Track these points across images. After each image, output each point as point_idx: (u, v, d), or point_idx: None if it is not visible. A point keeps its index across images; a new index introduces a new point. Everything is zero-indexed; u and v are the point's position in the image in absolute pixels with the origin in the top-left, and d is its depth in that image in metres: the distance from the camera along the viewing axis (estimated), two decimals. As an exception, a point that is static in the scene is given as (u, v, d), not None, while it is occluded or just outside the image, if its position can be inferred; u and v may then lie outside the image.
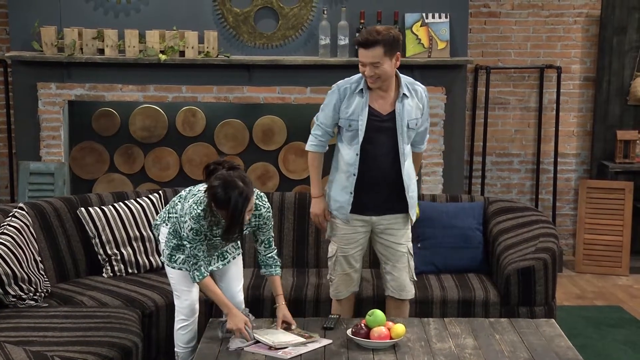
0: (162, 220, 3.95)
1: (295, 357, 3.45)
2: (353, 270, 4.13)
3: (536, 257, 4.44)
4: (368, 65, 3.85)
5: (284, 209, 5.04)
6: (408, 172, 4.03)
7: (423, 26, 5.97)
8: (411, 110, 3.99)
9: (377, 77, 3.87)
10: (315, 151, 4.12)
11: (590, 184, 6.51)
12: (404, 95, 3.97)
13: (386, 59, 3.84)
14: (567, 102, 6.69)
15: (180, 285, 3.87)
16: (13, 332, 3.71)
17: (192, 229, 3.65)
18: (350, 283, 4.15)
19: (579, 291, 6.04)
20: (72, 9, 5.90)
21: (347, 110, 3.98)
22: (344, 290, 4.15)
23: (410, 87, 4.01)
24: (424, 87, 4.10)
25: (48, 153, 5.97)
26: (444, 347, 3.55)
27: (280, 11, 5.98)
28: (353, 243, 4.09)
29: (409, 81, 4.04)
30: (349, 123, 3.98)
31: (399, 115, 3.96)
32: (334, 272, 4.14)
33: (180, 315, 3.90)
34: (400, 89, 3.97)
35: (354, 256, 4.10)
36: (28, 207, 4.48)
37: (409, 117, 3.98)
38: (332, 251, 4.15)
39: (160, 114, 6.19)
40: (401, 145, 3.98)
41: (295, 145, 6.27)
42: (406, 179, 4.02)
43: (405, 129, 3.97)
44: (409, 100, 3.98)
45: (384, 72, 3.86)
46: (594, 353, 4.78)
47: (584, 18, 6.61)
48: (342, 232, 4.08)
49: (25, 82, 5.95)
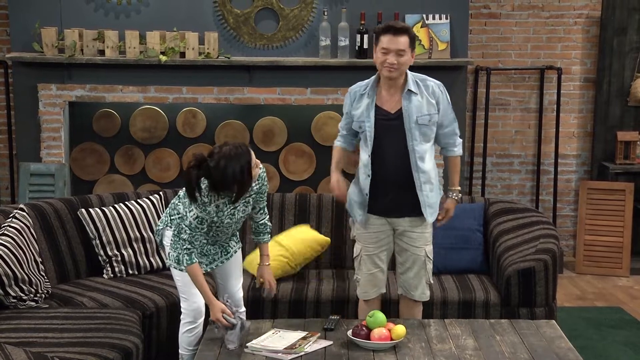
0: (164, 224, 3.94)
1: (296, 358, 3.45)
2: (379, 270, 4.11)
3: (537, 258, 4.44)
4: (392, 53, 3.85)
5: (284, 210, 5.04)
6: (425, 171, 3.97)
7: (423, 27, 5.97)
8: (421, 106, 3.94)
9: (397, 67, 3.86)
10: (338, 145, 4.19)
11: (590, 185, 6.51)
12: (409, 91, 3.94)
13: (409, 51, 3.89)
14: (567, 103, 6.69)
15: (187, 287, 3.84)
16: (13, 333, 3.71)
17: (198, 217, 3.65)
18: (377, 283, 4.13)
19: (580, 292, 6.04)
20: (73, 10, 5.90)
21: (356, 112, 4.01)
22: (370, 290, 4.14)
23: (420, 83, 3.98)
24: (439, 82, 4.04)
25: (48, 154, 5.98)
26: (445, 348, 3.56)
27: (280, 12, 5.98)
28: (376, 243, 4.08)
29: (419, 77, 4.01)
30: (359, 125, 4.01)
31: (406, 112, 3.94)
32: (360, 271, 4.15)
33: (187, 318, 3.89)
34: (406, 85, 3.95)
35: (379, 256, 4.10)
36: (28, 208, 4.48)
37: (419, 113, 3.94)
38: (356, 251, 4.16)
39: (161, 115, 6.19)
40: (410, 142, 3.94)
41: (296, 146, 6.27)
42: (419, 177, 3.96)
43: (414, 125, 3.93)
44: (417, 97, 3.95)
45: (405, 63, 3.89)
46: (594, 354, 4.78)
47: (585, 19, 6.61)
48: (366, 232, 4.09)
49: (25, 83, 5.95)
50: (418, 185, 3.98)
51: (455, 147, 4.12)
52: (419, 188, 3.98)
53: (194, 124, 6.21)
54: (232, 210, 3.78)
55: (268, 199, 5.01)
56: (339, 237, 5.00)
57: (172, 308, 4.31)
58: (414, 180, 3.97)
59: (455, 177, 4.17)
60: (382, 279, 4.15)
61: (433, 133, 4.01)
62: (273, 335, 3.66)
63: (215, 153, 3.59)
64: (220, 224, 3.78)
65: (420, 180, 3.98)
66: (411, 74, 3.99)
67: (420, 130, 3.95)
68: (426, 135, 3.97)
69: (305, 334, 3.66)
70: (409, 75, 3.97)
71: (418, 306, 4.19)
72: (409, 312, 4.17)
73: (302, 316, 4.42)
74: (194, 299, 3.87)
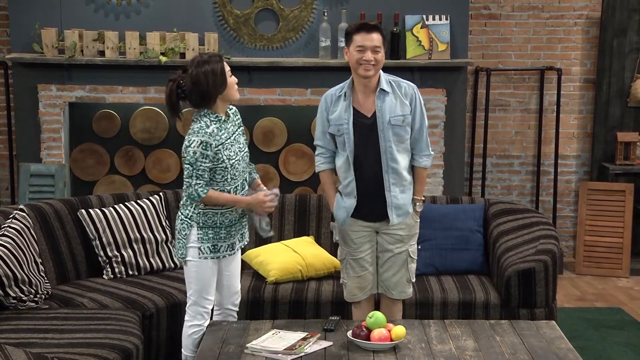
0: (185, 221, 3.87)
1: (296, 358, 3.45)
2: (366, 272, 4.10)
3: (536, 259, 4.44)
4: (369, 50, 3.86)
5: (284, 211, 5.04)
6: (397, 173, 3.94)
7: (423, 28, 5.97)
8: (394, 106, 3.93)
9: (374, 64, 3.87)
10: (322, 169, 4.13)
11: (590, 185, 6.51)
12: (382, 90, 3.93)
13: (382, 48, 3.91)
14: (567, 104, 6.69)
15: (200, 287, 3.82)
16: (13, 334, 3.71)
17: (202, 142, 3.68)
18: (365, 285, 4.11)
19: (580, 293, 6.04)
20: (73, 10, 5.90)
21: (333, 116, 3.98)
22: (358, 293, 4.12)
23: (393, 84, 3.97)
24: (413, 85, 4.02)
25: (48, 155, 5.98)
26: (445, 349, 3.55)
27: (280, 13, 5.98)
28: (361, 246, 4.07)
29: (392, 78, 4.00)
30: (337, 128, 3.97)
31: (379, 112, 3.92)
32: (347, 275, 4.13)
33: (194, 320, 3.86)
34: (379, 84, 3.94)
35: (365, 258, 4.08)
36: (28, 208, 4.48)
37: (392, 114, 3.92)
38: (341, 254, 4.14)
39: (161, 116, 6.19)
40: (382, 143, 3.92)
41: (296, 147, 6.28)
42: (389, 178, 3.94)
43: (387, 125, 3.91)
44: (391, 96, 3.93)
45: (381, 60, 3.90)
46: (594, 355, 4.78)
47: (584, 20, 6.61)
48: (349, 237, 4.07)
49: (25, 84, 5.95)
50: (387, 186, 3.96)
51: (422, 157, 4.03)
52: (387, 188, 3.96)
53: (194, 125, 6.20)
54: (233, 135, 3.82)
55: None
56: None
57: (172, 309, 4.31)
58: (384, 181, 3.96)
59: (419, 187, 4.07)
60: (370, 280, 4.12)
61: (407, 135, 3.98)
62: (273, 336, 3.65)
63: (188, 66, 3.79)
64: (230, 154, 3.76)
65: (390, 182, 3.96)
66: (384, 75, 3.98)
67: (393, 130, 3.93)
68: (399, 135, 3.95)
69: (305, 335, 3.65)
70: (382, 76, 3.96)
71: (397, 305, 4.16)
72: (388, 311, 4.10)
73: (302, 317, 4.42)
74: (204, 303, 3.84)
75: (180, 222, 3.85)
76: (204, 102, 3.77)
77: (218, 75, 3.74)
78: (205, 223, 3.80)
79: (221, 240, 3.84)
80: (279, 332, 3.70)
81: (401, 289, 4.11)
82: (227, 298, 4.01)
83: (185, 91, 3.76)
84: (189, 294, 3.88)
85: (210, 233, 3.81)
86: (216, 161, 3.74)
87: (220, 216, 3.82)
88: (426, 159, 4.05)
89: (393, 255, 4.06)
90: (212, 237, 3.81)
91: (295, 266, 4.64)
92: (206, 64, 3.73)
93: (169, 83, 3.79)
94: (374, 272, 4.13)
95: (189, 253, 3.81)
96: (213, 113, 3.79)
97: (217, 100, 3.78)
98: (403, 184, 3.99)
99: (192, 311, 3.87)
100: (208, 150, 3.71)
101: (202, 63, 3.74)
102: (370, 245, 4.08)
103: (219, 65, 3.75)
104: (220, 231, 3.83)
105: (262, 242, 4.83)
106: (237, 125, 3.91)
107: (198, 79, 3.72)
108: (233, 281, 4.01)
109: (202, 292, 3.83)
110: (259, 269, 4.70)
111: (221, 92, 3.77)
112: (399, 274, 4.08)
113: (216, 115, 3.79)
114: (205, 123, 3.75)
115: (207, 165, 3.72)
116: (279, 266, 4.61)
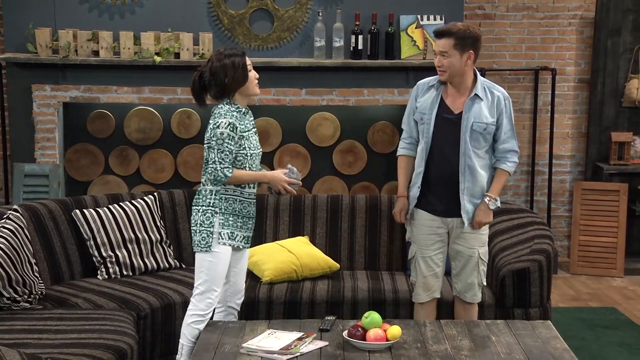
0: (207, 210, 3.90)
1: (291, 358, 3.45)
2: (432, 274, 4.13)
3: (531, 259, 4.44)
4: (439, 55, 3.96)
5: (279, 211, 5.04)
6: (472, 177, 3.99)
7: (418, 28, 5.97)
8: (481, 113, 3.98)
9: (444, 69, 3.94)
10: (401, 154, 4.21)
11: (585, 185, 6.52)
12: (476, 95, 3.99)
13: (455, 52, 3.93)
14: (561, 104, 6.70)
15: (210, 278, 3.85)
16: (7, 334, 3.70)
17: (230, 124, 3.77)
18: (430, 287, 4.15)
19: (574, 293, 6.05)
20: (67, 10, 5.89)
21: (420, 104, 4.07)
22: (422, 294, 4.17)
23: (487, 90, 4.02)
24: (506, 94, 4.05)
25: (43, 155, 5.96)
26: (440, 349, 3.55)
27: (275, 13, 5.98)
28: (431, 245, 4.10)
29: (488, 84, 4.05)
30: (421, 116, 4.06)
31: (465, 114, 3.98)
32: (415, 274, 4.18)
33: (198, 310, 3.88)
34: (474, 89, 4.00)
35: (433, 259, 4.11)
36: (22, 209, 4.47)
37: (477, 119, 3.97)
38: (411, 252, 4.19)
39: (156, 116, 6.18)
40: (462, 146, 3.97)
41: (291, 147, 6.27)
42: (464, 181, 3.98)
43: (469, 129, 3.97)
44: (482, 103, 3.98)
45: (452, 64, 3.93)
46: (589, 355, 4.79)
47: (579, 20, 6.63)
48: (420, 233, 4.11)
49: (19, 84, 5.93)
50: (461, 189, 4.01)
51: (508, 162, 4.06)
52: (461, 191, 4.01)
53: (189, 125, 6.20)
54: (250, 130, 3.91)
55: (262, 200, 5.01)
56: (333, 238, 5.00)
57: (166, 309, 4.30)
58: (459, 182, 4.00)
59: (495, 186, 4.09)
60: (435, 284, 4.16)
61: (487, 142, 4.02)
62: (269, 336, 3.65)
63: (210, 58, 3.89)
64: (250, 145, 3.86)
65: (465, 185, 4.00)
66: (480, 79, 4.03)
67: (473, 135, 3.97)
68: (478, 141, 3.99)
69: (301, 335, 3.65)
70: (478, 80, 4.01)
71: (473, 307, 4.21)
72: (464, 314, 4.20)
73: (298, 317, 4.42)
74: (211, 295, 3.88)
75: (202, 213, 3.88)
76: (224, 95, 3.86)
77: (238, 69, 3.82)
78: (227, 209, 3.88)
79: (238, 228, 3.91)
80: (275, 332, 3.69)
81: (474, 292, 4.17)
82: (231, 296, 4.05)
83: (206, 83, 3.86)
84: (197, 284, 3.90)
85: (231, 220, 3.89)
86: (239, 147, 3.84)
87: (239, 204, 3.91)
88: (510, 164, 4.07)
89: (464, 257, 4.11)
90: (231, 223, 3.89)
91: (290, 266, 4.64)
92: (227, 58, 3.82)
93: (194, 73, 3.91)
94: (441, 276, 4.16)
95: (212, 240, 3.85)
96: (234, 104, 3.87)
97: (236, 94, 3.87)
98: (475, 190, 4.02)
99: (197, 301, 3.89)
100: (235, 132, 3.81)
101: (223, 56, 3.83)
102: (440, 245, 4.11)
103: (240, 60, 3.83)
104: (238, 220, 3.91)
105: (257, 242, 4.82)
106: (252, 125, 3.99)
107: (217, 72, 3.81)
108: (239, 279, 4.05)
109: (212, 283, 3.86)
110: (254, 269, 4.69)
111: (241, 87, 3.84)
112: (471, 276, 4.13)
113: (237, 106, 3.88)
114: (229, 108, 3.84)
115: (233, 148, 3.81)
116: (274, 266, 4.61)
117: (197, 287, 3.90)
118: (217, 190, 3.87)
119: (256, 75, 3.92)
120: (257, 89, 3.95)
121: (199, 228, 3.87)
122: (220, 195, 3.87)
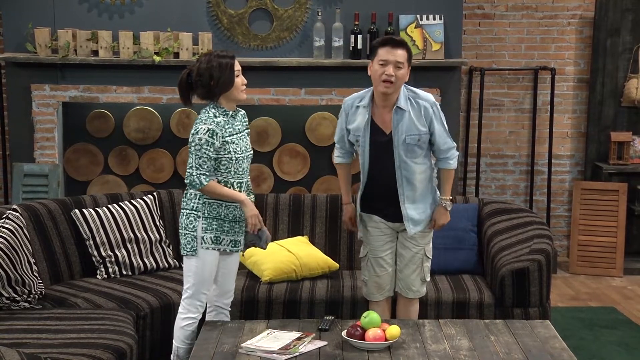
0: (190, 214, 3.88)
1: (290, 358, 3.45)
2: (385, 273, 4.14)
3: (530, 259, 4.44)
4: (391, 65, 3.85)
5: (278, 211, 5.04)
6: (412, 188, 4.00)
7: (417, 28, 5.97)
8: (411, 125, 3.93)
9: (394, 80, 3.86)
10: (339, 162, 4.23)
11: (584, 185, 6.52)
12: (399, 108, 3.93)
13: (406, 65, 3.89)
14: (561, 104, 6.70)
15: (198, 280, 3.84)
16: (7, 334, 3.70)
17: (209, 130, 3.72)
18: (382, 286, 4.17)
19: (573, 292, 6.05)
20: (66, 10, 5.89)
21: (352, 126, 4.03)
22: (375, 292, 4.18)
23: (412, 100, 3.96)
24: (432, 100, 4.00)
25: (42, 155, 5.96)
26: (439, 349, 3.56)
27: (274, 13, 5.98)
28: (382, 246, 4.12)
29: (412, 95, 3.98)
30: (355, 138, 4.03)
31: (395, 130, 3.95)
32: (367, 273, 4.19)
33: (189, 313, 3.88)
34: (397, 101, 3.93)
35: (384, 258, 4.13)
36: (22, 208, 4.47)
37: (408, 132, 3.93)
38: (363, 252, 4.20)
39: (155, 116, 6.18)
40: (397, 160, 3.97)
41: (290, 146, 6.27)
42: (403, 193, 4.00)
43: (402, 144, 3.94)
44: (408, 114, 3.93)
45: (403, 77, 3.89)
46: (588, 354, 4.79)
47: (578, 20, 6.63)
48: (371, 234, 4.13)
49: (19, 84, 5.93)
50: (401, 200, 4.02)
51: (450, 161, 4.09)
52: (402, 202, 4.02)
53: (188, 125, 6.20)
54: (240, 133, 3.88)
55: (262, 199, 5.01)
56: (332, 238, 5.00)
57: (165, 309, 4.30)
58: (398, 194, 4.01)
59: (446, 187, 4.11)
60: (387, 282, 4.17)
61: (422, 150, 4.00)
62: (267, 335, 3.65)
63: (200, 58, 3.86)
64: (236, 148, 3.82)
65: (404, 196, 4.02)
66: (404, 90, 3.97)
67: (408, 148, 3.96)
68: (414, 152, 3.98)
69: (300, 335, 3.65)
70: (401, 92, 3.95)
71: (413, 304, 4.21)
72: (405, 310, 4.19)
73: (296, 317, 4.42)
74: (200, 297, 3.87)
75: (185, 217, 3.86)
76: (209, 97, 3.82)
77: (224, 71, 3.77)
78: (210, 214, 3.83)
79: (224, 233, 3.87)
80: (274, 331, 3.70)
81: (416, 289, 4.17)
82: (219, 296, 4.03)
83: (192, 82, 3.83)
84: (186, 287, 3.89)
85: (214, 224, 3.84)
86: (222, 151, 3.79)
87: (225, 209, 3.86)
88: (451, 162, 4.08)
89: (409, 253, 4.12)
90: (215, 228, 3.84)
91: (289, 266, 4.64)
92: (216, 59, 3.77)
93: (183, 70, 3.87)
94: (392, 274, 4.18)
95: (196, 244, 3.82)
96: (221, 107, 3.84)
97: (221, 98, 3.82)
98: (417, 199, 4.03)
99: (187, 304, 3.89)
100: (214, 138, 3.75)
101: (212, 57, 3.79)
102: (391, 246, 4.14)
103: (228, 62, 3.79)
104: (224, 224, 3.86)
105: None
106: (244, 127, 3.95)
107: (203, 72, 3.77)
108: (227, 280, 4.02)
109: (199, 286, 3.85)
110: (253, 269, 4.69)
111: (226, 91, 3.80)
112: (414, 272, 4.14)
113: (224, 109, 3.84)
114: (214, 113, 3.80)
115: (212, 154, 3.75)
116: (273, 266, 4.61)
117: (186, 290, 3.89)
118: (202, 194, 3.83)
119: (244, 81, 3.87)
120: (244, 94, 3.88)
121: (184, 232, 3.86)
122: (204, 199, 3.83)
